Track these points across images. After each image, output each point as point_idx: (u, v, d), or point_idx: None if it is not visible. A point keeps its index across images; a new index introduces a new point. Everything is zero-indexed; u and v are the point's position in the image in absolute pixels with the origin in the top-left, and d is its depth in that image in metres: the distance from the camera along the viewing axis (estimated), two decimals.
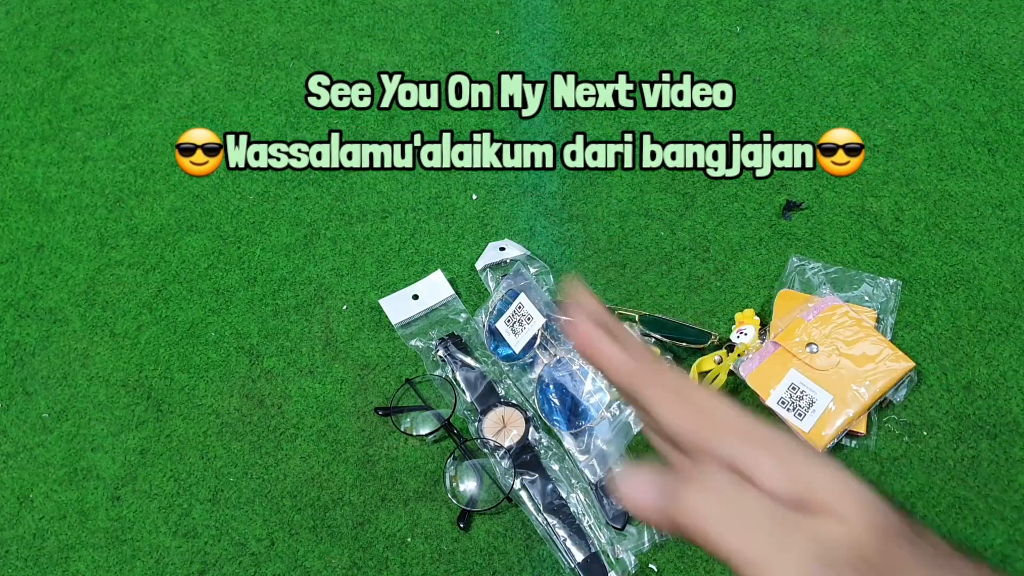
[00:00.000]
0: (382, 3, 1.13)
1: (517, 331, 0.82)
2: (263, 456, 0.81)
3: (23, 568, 0.77)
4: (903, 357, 0.78)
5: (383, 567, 0.74)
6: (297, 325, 0.88)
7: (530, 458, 0.78)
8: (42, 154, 1.04)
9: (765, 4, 1.10)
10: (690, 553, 0.73)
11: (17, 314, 0.91)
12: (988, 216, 0.90)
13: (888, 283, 0.85)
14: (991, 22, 1.06)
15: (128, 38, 1.14)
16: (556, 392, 0.79)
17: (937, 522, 0.73)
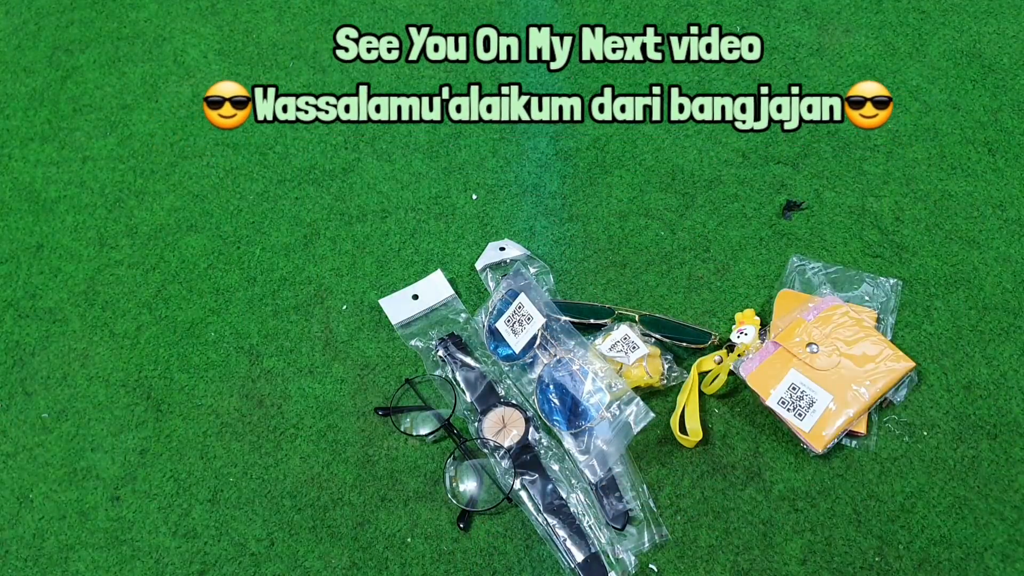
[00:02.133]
0: (382, 3, 1.13)
1: (517, 331, 0.82)
2: (263, 456, 0.81)
3: (23, 568, 0.76)
4: (903, 357, 0.78)
5: (383, 567, 0.74)
6: (297, 325, 0.88)
7: (530, 458, 0.78)
8: (42, 154, 1.04)
9: (765, 4, 1.10)
10: (690, 553, 0.73)
11: (17, 314, 0.91)
12: (988, 216, 0.90)
13: (888, 283, 0.85)
14: (991, 22, 1.06)
15: (128, 38, 1.14)
16: (556, 392, 0.79)
17: (937, 522, 0.73)
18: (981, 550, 0.72)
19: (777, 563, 0.72)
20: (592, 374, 0.79)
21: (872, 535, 0.73)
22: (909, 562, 0.72)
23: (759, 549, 0.73)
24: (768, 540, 0.73)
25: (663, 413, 0.80)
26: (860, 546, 0.72)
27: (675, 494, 0.76)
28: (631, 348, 0.80)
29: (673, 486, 0.76)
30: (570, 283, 0.89)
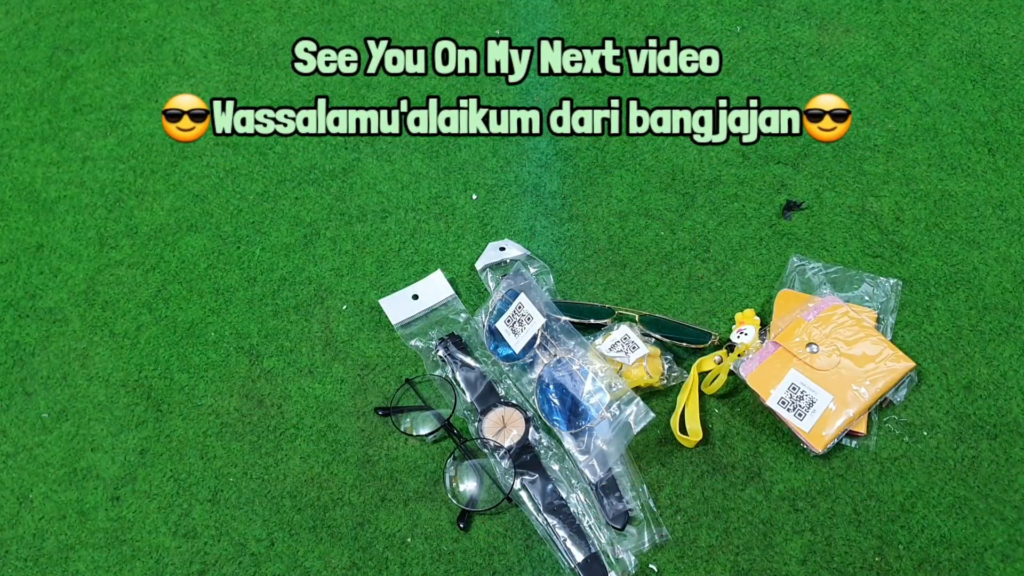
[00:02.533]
0: (382, 3, 1.14)
1: (517, 331, 0.82)
2: (263, 456, 0.81)
3: (23, 568, 0.76)
4: (903, 357, 0.78)
5: (383, 567, 0.74)
6: (297, 325, 0.88)
7: (530, 458, 0.78)
8: (42, 154, 1.04)
9: (765, 4, 1.10)
10: (690, 553, 0.73)
11: (17, 314, 0.91)
12: (988, 216, 0.90)
13: (888, 283, 0.85)
14: (991, 22, 1.06)
15: (128, 38, 1.14)
16: (556, 392, 0.79)
17: (937, 522, 0.73)
18: (981, 550, 0.72)
19: (777, 563, 0.72)
20: (592, 374, 0.79)
21: (872, 535, 0.73)
22: (909, 562, 0.72)
23: (759, 549, 0.73)
24: (768, 540, 0.73)
25: (663, 413, 0.80)
26: (860, 546, 0.72)
27: (675, 494, 0.76)
28: (631, 348, 0.80)
29: (673, 486, 0.76)
30: (570, 283, 0.89)
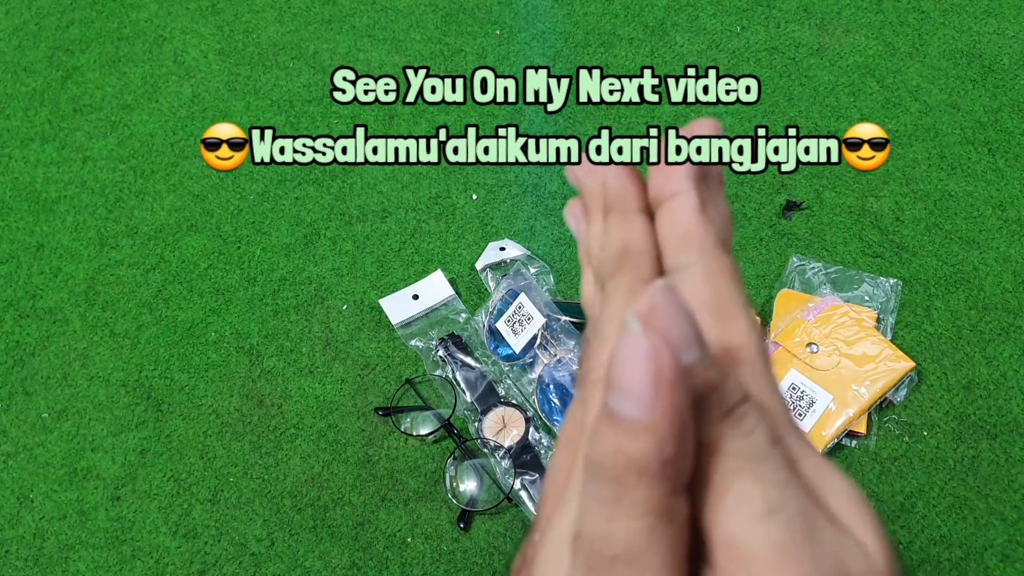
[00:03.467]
0: (382, 3, 1.13)
1: (517, 331, 0.82)
2: (263, 456, 0.81)
3: (23, 568, 0.76)
4: (903, 357, 0.78)
5: (383, 567, 0.74)
6: (297, 325, 0.88)
7: (530, 458, 0.78)
8: (42, 154, 1.04)
9: (765, 4, 1.10)
10: None
11: (17, 314, 0.91)
12: (988, 216, 0.90)
13: (888, 283, 0.85)
14: (991, 22, 1.06)
15: (128, 38, 1.14)
16: (556, 392, 0.79)
17: (937, 522, 0.73)
18: (981, 550, 0.72)
19: None
20: None
21: None
22: (909, 562, 0.71)
23: None
24: None
25: None
26: None
27: None
28: None
29: None
30: (570, 283, 0.89)
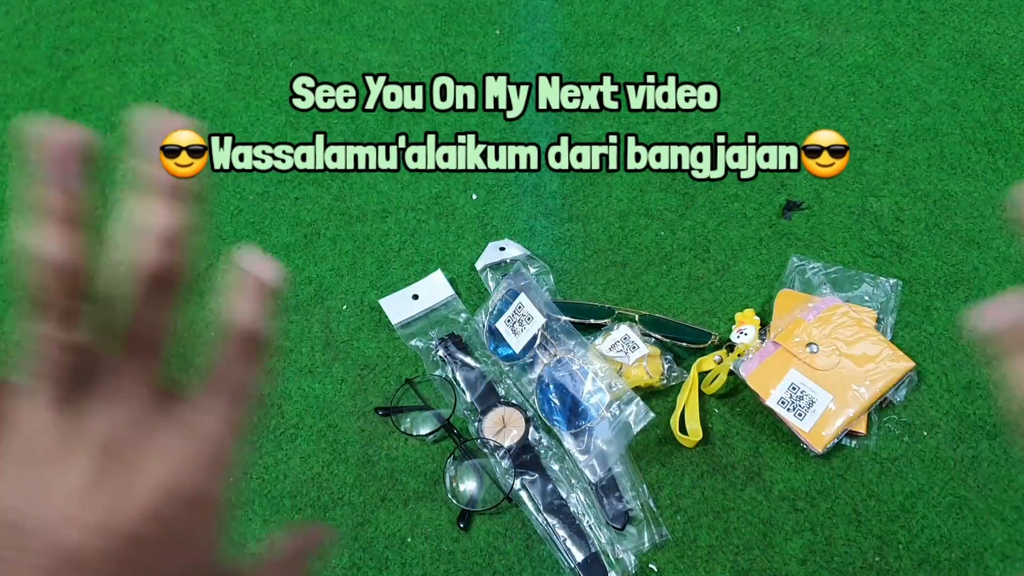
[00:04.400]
0: (382, 3, 1.14)
1: (517, 331, 0.82)
2: (263, 456, 0.81)
3: None
4: (903, 357, 0.78)
5: (383, 567, 0.74)
6: (297, 325, 0.88)
7: (530, 458, 0.78)
8: None
9: (765, 4, 1.10)
10: (690, 553, 0.73)
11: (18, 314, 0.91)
12: (988, 216, 0.90)
13: (888, 283, 0.85)
14: (991, 22, 1.06)
15: (128, 38, 1.14)
16: (556, 392, 0.79)
17: (937, 522, 0.73)
18: (981, 550, 0.72)
19: (777, 563, 0.72)
20: (592, 374, 0.79)
21: (872, 535, 0.73)
22: (909, 562, 0.71)
23: (759, 549, 0.73)
24: (768, 540, 0.73)
25: (663, 413, 0.80)
26: (860, 546, 0.72)
27: (675, 494, 0.76)
28: (631, 348, 0.80)
29: (673, 486, 0.76)
30: (570, 283, 0.89)
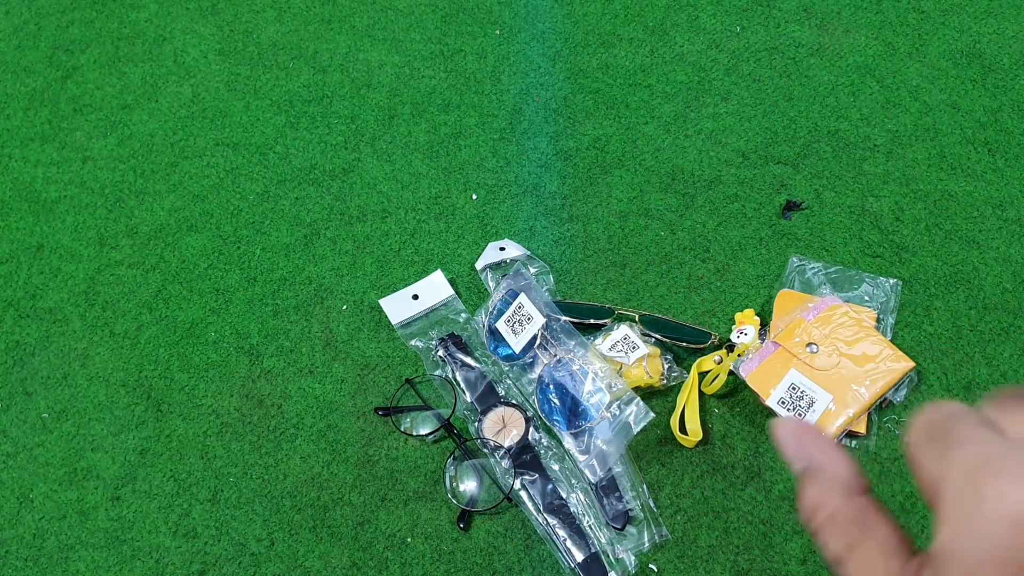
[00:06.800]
0: (382, 3, 1.14)
1: (517, 331, 0.82)
2: (263, 456, 0.81)
3: (23, 568, 0.76)
4: (903, 357, 0.78)
5: (383, 567, 0.74)
6: (297, 325, 0.88)
7: (530, 458, 0.78)
8: (42, 154, 1.04)
9: (765, 4, 1.10)
10: (690, 553, 0.73)
11: (17, 314, 0.91)
12: (988, 216, 0.90)
13: (888, 283, 0.85)
14: (991, 22, 1.06)
15: (128, 38, 1.14)
16: (556, 392, 0.79)
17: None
18: None
19: (777, 563, 0.72)
20: (592, 374, 0.79)
21: None
22: None
23: (759, 549, 0.73)
24: (768, 540, 0.73)
25: (663, 413, 0.80)
26: None
27: (675, 494, 0.76)
28: (631, 348, 0.80)
29: (673, 486, 0.76)
30: (570, 283, 0.89)
